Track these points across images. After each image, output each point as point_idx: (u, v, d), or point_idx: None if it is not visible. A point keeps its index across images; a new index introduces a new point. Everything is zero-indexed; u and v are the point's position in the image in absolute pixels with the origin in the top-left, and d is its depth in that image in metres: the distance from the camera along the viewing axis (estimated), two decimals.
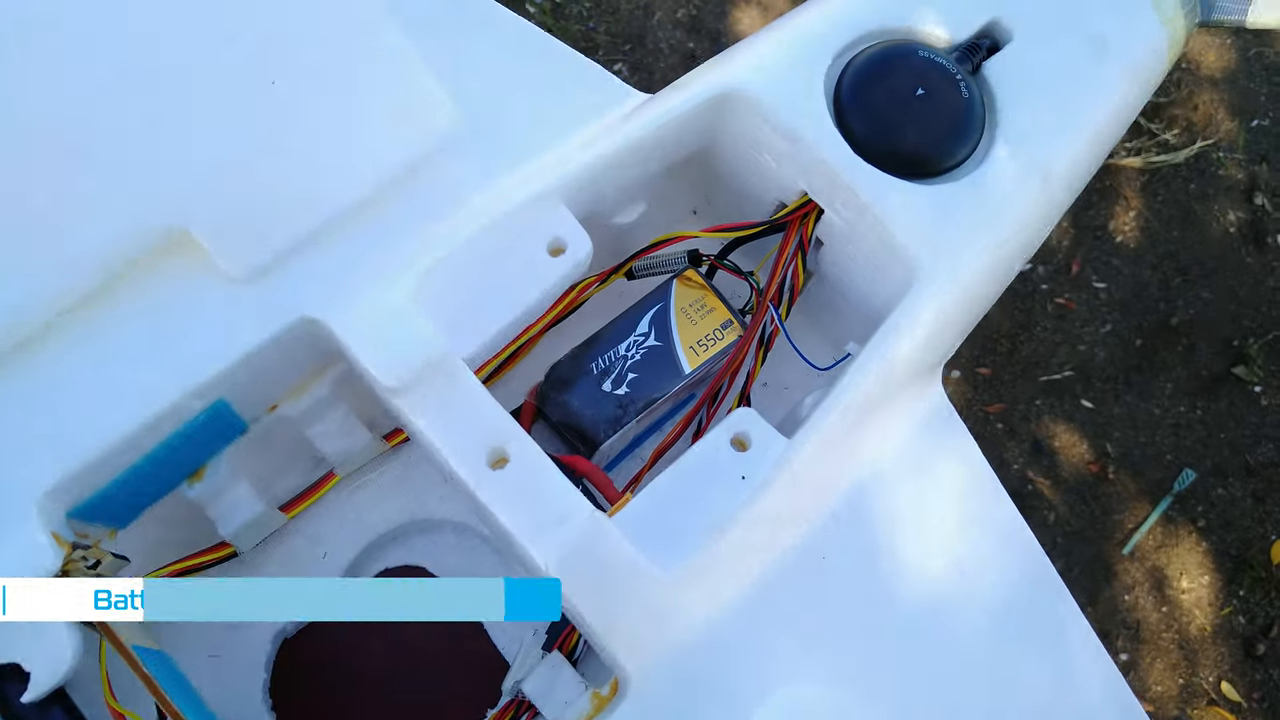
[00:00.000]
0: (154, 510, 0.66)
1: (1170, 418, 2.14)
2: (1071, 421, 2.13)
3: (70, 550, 0.56)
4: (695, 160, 0.77)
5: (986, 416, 2.12)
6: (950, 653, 0.63)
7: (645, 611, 0.56)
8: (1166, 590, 2.04)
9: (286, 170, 0.61)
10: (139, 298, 0.60)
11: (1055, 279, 2.21)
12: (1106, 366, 2.16)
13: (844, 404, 0.63)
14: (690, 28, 2.26)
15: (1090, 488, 2.09)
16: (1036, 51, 0.72)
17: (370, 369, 0.58)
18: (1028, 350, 2.16)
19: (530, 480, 0.58)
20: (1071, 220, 2.25)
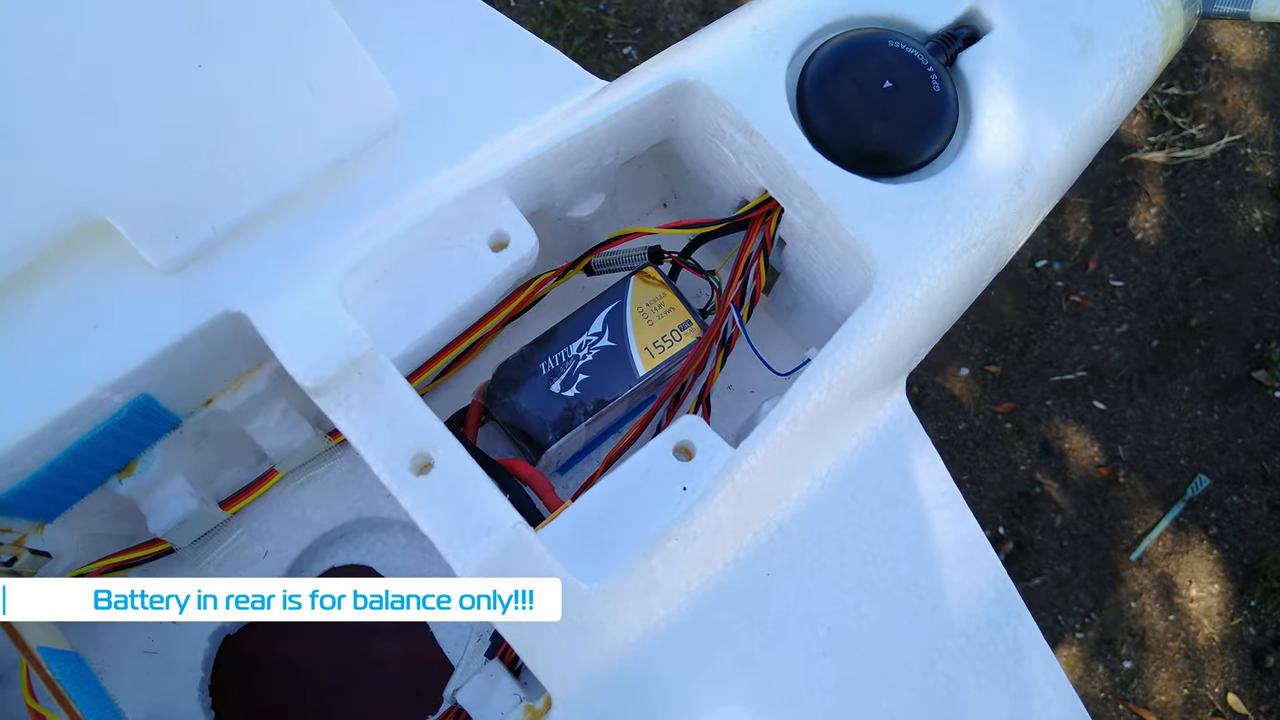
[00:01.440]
0: (84, 504, 0.64)
1: (1186, 421, 2.08)
2: (1083, 423, 2.08)
3: None
4: (661, 152, 0.74)
5: (995, 416, 2.08)
6: (898, 678, 0.60)
7: (570, 628, 0.54)
8: (1175, 598, 1.99)
9: (213, 158, 0.58)
10: (55, 288, 0.58)
11: (1071, 276, 2.15)
12: (1121, 367, 2.11)
13: (793, 413, 0.60)
14: (702, 11, 2.22)
15: (1100, 491, 2.04)
16: (1017, 42, 0.68)
17: (291, 366, 0.56)
18: (1040, 349, 2.10)
19: (455, 487, 0.56)
20: (1090, 216, 2.19)
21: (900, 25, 0.68)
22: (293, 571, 0.74)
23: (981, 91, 0.66)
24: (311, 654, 0.75)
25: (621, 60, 2.18)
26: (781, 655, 0.58)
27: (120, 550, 0.67)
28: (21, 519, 0.60)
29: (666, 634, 0.56)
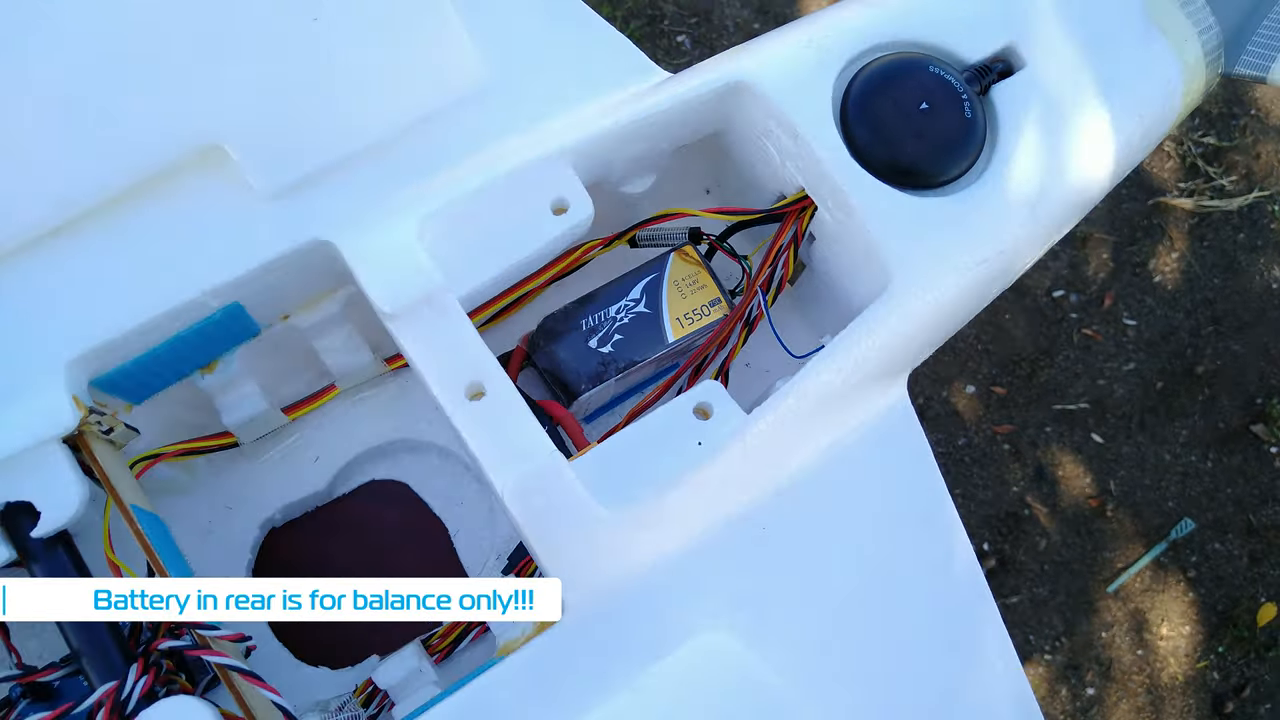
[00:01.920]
0: (168, 393, 0.73)
1: (1180, 465, 2.15)
2: (1079, 453, 2.14)
3: (87, 414, 0.62)
4: (710, 142, 0.81)
5: (994, 436, 2.14)
6: (868, 631, 0.68)
7: (587, 547, 0.62)
8: (1145, 634, 2.05)
9: (319, 101, 0.66)
10: (172, 200, 0.66)
11: (1086, 309, 2.21)
12: (1123, 404, 2.17)
13: (802, 390, 0.68)
14: (759, 9, 2.28)
15: (1086, 521, 2.11)
16: (1046, 81, 0.75)
17: (371, 292, 0.64)
18: (1046, 376, 2.17)
19: (502, 415, 0.64)
20: (1112, 253, 2.25)
21: (942, 53, 0.75)
22: (338, 478, 0.82)
23: (1009, 122, 0.73)
24: (341, 557, 0.84)
25: (675, 47, 2.25)
26: (768, 598, 0.66)
27: (193, 437, 0.76)
28: (118, 397, 0.68)
29: (669, 566, 0.64)
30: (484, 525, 0.83)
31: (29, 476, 0.60)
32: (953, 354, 2.18)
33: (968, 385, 2.18)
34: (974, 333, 2.19)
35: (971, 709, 0.69)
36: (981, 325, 2.20)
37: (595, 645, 0.61)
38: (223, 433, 0.77)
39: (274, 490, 0.80)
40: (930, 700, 0.68)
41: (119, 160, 0.65)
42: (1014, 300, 2.21)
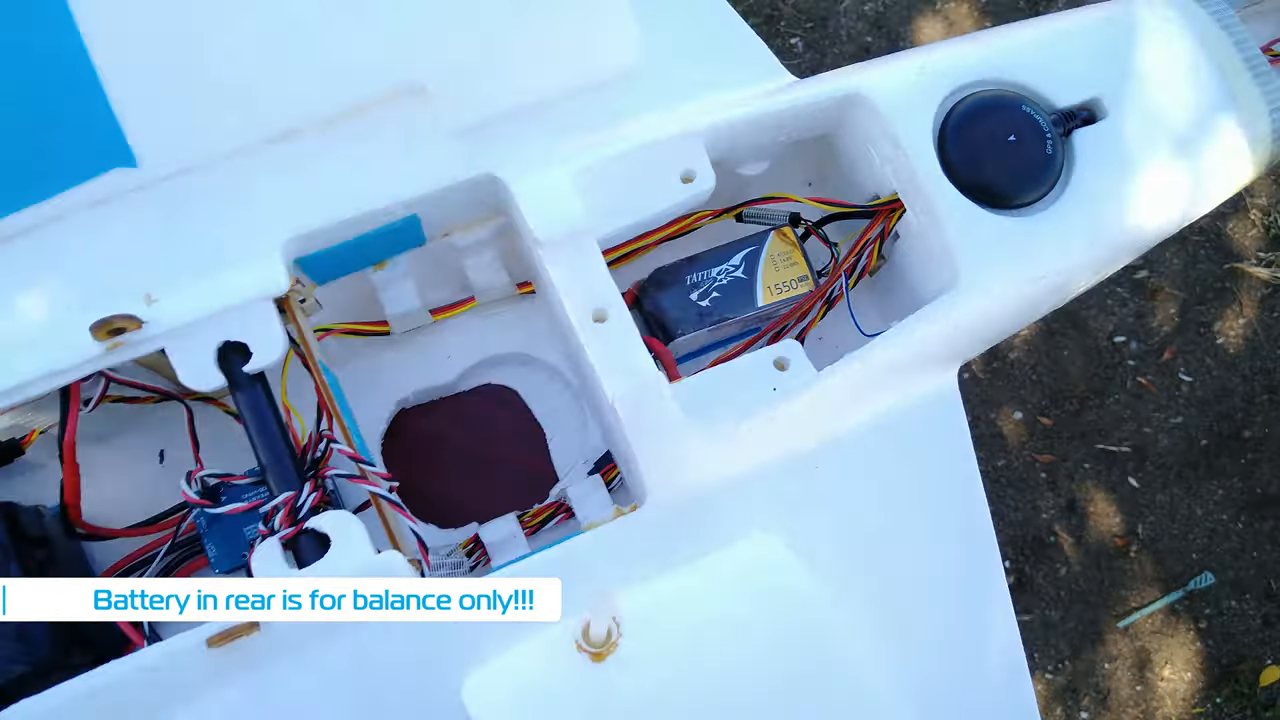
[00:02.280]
0: (345, 281, 0.88)
1: (1210, 521, 2.22)
2: (1113, 493, 2.23)
3: (294, 284, 0.78)
4: (819, 141, 0.94)
5: (1034, 463, 2.24)
6: (886, 569, 0.81)
7: (673, 452, 0.76)
8: (1147, 672, 2.14)
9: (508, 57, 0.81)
10: (379, 124, 0.81)
11: (1145, 359, 2.29)
12: (1165, 455, 2.24)
13: (866, 360, 0.81)
14: (873, 23, 2.38)
15: (1109, 558, 2.19)
16: (1124, 134, 0.86)
17: (530, 222, 0.79)
18: (1094, 415, 2.25)
19: (619, 336, 0.78)
20: (1180, 309, 2.32)
21: (1035, 95, 0.87)
22: (463, 376, 0.97)
23: (1083, 164, 0.85)
24: (455, 440, 0.99)
25: (787, 49, 2.36)
26: (811, 523, 0.79)
27: (356, 320, 0.91)
28: (310, 277, 0.84)
29: (735, 480, 0.78)
30: (576, 435, 0.98)
31: (247, 324, 0.76)
32: (1006, 379, 2.28)
33: (1016, 411, 2.27)
34: (1031, 362, 2.28)
35: (967, 654, 0.82)
36: (1039, 356, 2.28)
37: (666, 530, 0.75)
38: (381, 321, 0.92)
39: (410, 376, 0.96)
40: (932, 636, 0.81)
41: (343, 83, 0.80)
42: (1075, 338, 2.30)
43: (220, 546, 0.89)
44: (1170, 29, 0.87)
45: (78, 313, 0.74)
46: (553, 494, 0.93)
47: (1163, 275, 2.32)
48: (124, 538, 0.88)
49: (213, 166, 0.78)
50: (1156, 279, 2.31)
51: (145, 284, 0.76)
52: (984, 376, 2.29)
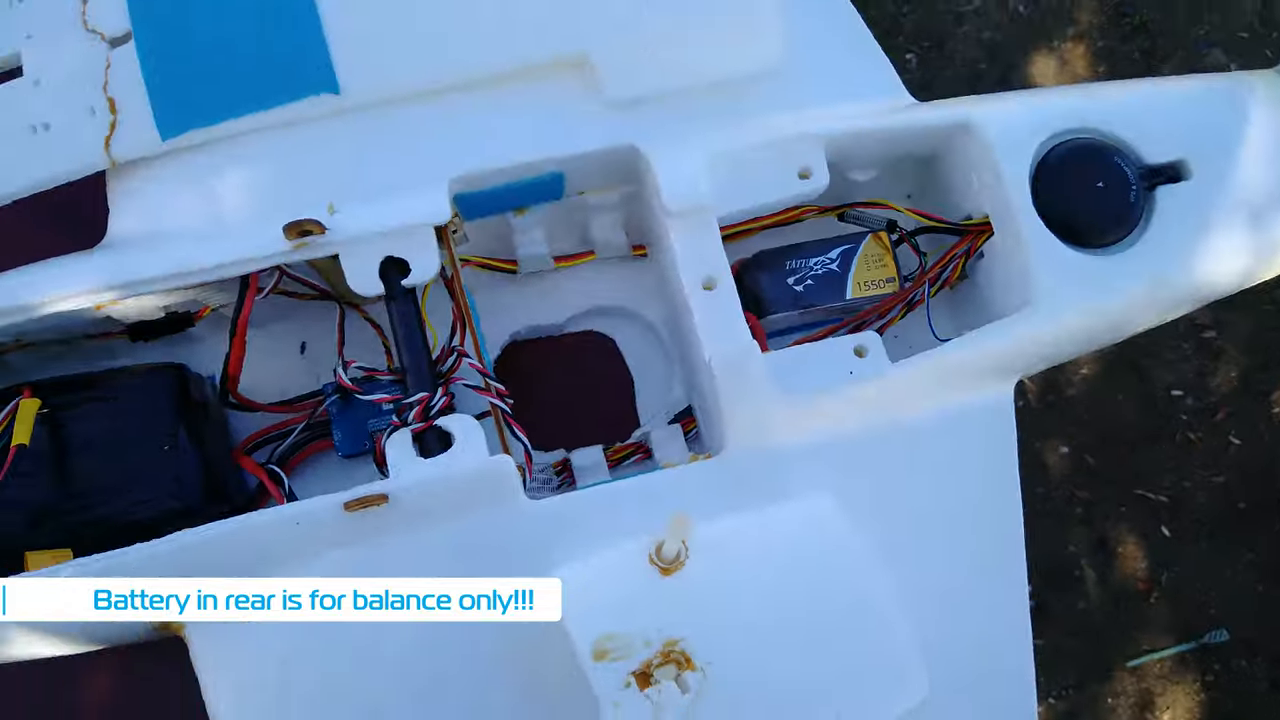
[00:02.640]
0: (488, 221, 1.00)
1: (1235, 582, 2.27)
2: (1144, 539, 2.29)
3: (454, 216, 0.90)
4: (925, 159, 1.04)
5: (1072, 497, 2.30)
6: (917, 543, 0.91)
7: (755, 411, 0.87)
8: (1147, 713, 2.21)
9: (667, 44, 0.91)
10: (544, 87, 0.93)
11: (1198, 415, 2.33)
12: (1201, 510, 2.30)
13: (936, 361, 0.91)
14: (989, 50, 2.44)
15: (1130, 600, 2.26)
16: (1204, 197, 0.95)
17: (664, 193, 0.90)
18: (1139, 461, 2.31)
19: (723, 304, 0.89)
20: (1241, 374, 2.36)
21: (1128, 148, 0.95)
22: (570, 320, 1.09)
23: (1161, 218, 0.94)
24: (554, 376, 1.11)
25: (901, 63, 2.43)
26: (863, 491, 0.90)
27: (490, 256, 1.04)
28: (461, 213, 0.96)
29: (804, 444, 0.89)
30: (661, 389, 1.10)
31: (410, 244, 0.88)
32: (1060, 413, 2.34)
33: (1063, 446, 2.33)
34: (1086, 401, 2.34)
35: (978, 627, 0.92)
36: (1095, 396, 2.34)
37: (737, 477, 0.87)
38: (511, 260, 1.04)
39: (526, 312, 1.08)
40: (948, 609, 0.91)
41: (521, 47, 0.92)
42: (1133, 384, 2.35)
43: (345, 433, 1.02)
44: (1267, 111, 0.95)
45: (272, 212, 0.88)
46: (634, 435, 1.05)
47: (1229, 338, 2.36)
48: (266, 413, 1.01)
49: (401, 104, 0.90)
50: (1223, 340, 2.35)
51: (330, 196, 0.89)
52: (1038, 407, 2.36)
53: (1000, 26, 2.41)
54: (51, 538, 0.90)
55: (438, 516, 0.85)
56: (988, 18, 2.42)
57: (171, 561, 0.84)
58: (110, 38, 0.90)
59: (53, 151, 0.89)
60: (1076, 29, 2.42)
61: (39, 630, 0.87)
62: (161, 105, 0.88)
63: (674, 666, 0.76)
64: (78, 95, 0.89)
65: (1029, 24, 2.42)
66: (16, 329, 0.92)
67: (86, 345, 1.01)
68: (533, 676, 0.84)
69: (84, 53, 0.89)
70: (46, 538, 0.90)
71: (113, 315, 0.95)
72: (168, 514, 0.92)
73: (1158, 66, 2.40)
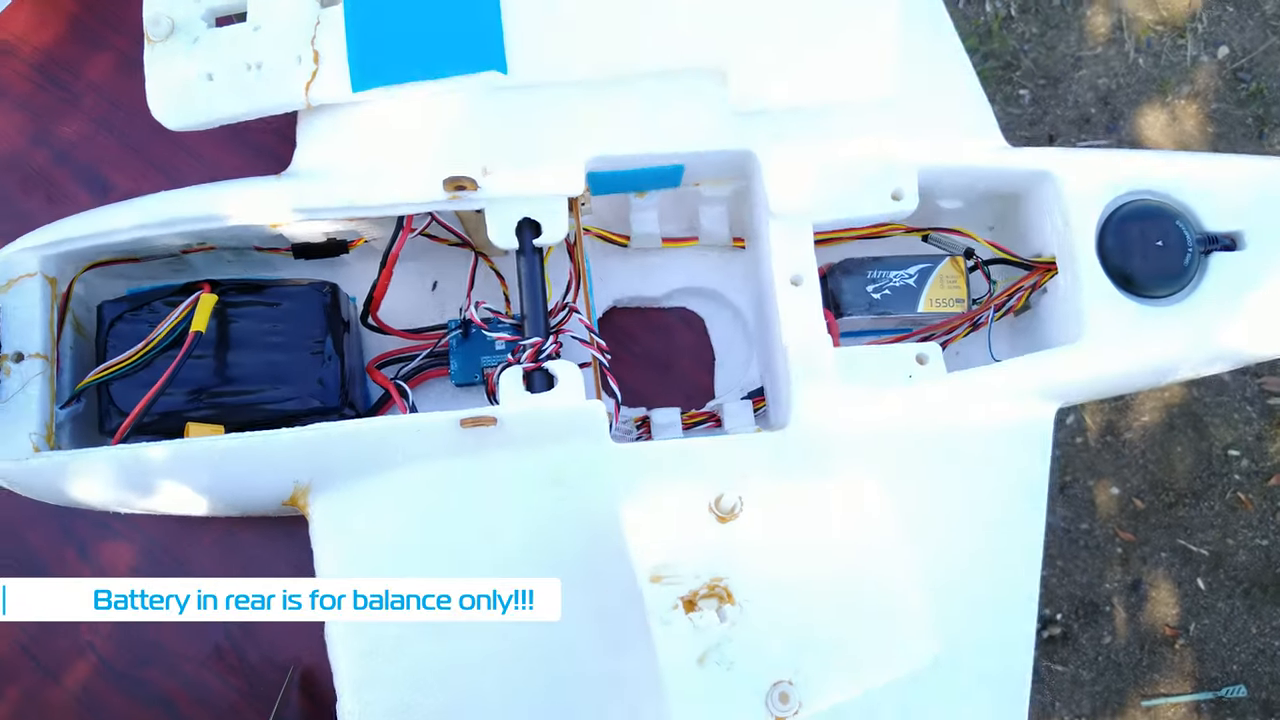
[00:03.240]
0: (610, 198, 1.14)
1: (1261, 641, 2.32)
2: (1178, 588, 2.35)
3: (585, 190, 1.04)
4: (1008, 197, 1.15)
5: (1115, 537, 2.37)
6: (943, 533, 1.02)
7: (820, 398, 1.00)
8: None
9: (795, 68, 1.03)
10: (680, 87, 1.06)
11: (1250, 477, 2.37)
12: (1240, 569, 2.34)
13: (989, 377, 1.02)
14: (1102, 97, 2.48)
15: (1155, 643, 2.33)
16: (1253, 271, 1.04)
17: (770, 195, 1.03)
18: (1185, 512, 2.36)
19: (806, 300, 1.02)
20: None
21: (1190, 214, 1.05)
22: (667, 295, 1.23)
23: (1211, 281, 1.03)
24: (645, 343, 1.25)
25: (1015, 97, 2.50)
26: (904, 482, 1.02)
27: (607, 229, 1.18)
28: (589, 188, 1.10)
29: (858, 432, 1.01)
30: (739, 367, 1.23)
31: (544, 209, 1.03)
32: (1116, 455, 2.41)
33: (1115, 487, 2.40)
34: (1144, 447, 2.40)
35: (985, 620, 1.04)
36: (1153, 444, 2.40)
37: (796, 452, 1.00)
38: (624, 235, 1.19)
39: (629, 283, 1.22)
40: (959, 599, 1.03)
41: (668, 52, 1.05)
42: (1192, 439, 2.40)
43: (461, 364, 1.17)
44: None
45: (434, 166, 1.03)
46: (709, 405, 1.19)
47: None
48: (397, 337, 1.18)
49: (556, 88, 1.05)
50: None
51: (485, 159, 1.03)
52: (1096, 446, 2.42)
53: (1117, 75, 2.46)
54: (204, 414, 1.08)
55: (535, 443, 1.00)
56: (1107, 64, 2.47)
57: (311, 448, 1.00)
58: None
59: (261, 88, 1.06)
60: (1192, 88, 2.45)
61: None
62: (357, 62, 1.04)
63: (716, 600, 0.90)
64: (289, 44, 1.05)
65: (1147, 76, 2.46)
66: (205, 233, 1.09)
67: (254, 256, 1.18)
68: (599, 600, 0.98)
69: (299, 8, 1.06)
70: (200, 413, 1.08)
71: (283, 234, 1.11)
72: (308, 410, 1.08)
73: (1269, 134, 2.42)
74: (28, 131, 1.34)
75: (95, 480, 1.01)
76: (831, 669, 0.88)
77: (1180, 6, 2.49)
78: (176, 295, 1.08)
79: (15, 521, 1.26)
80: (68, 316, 1.08)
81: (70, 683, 1.25)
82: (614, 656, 0.95)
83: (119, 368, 1.05)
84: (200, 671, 1.24)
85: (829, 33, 1.06)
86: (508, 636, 0.96)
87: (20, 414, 1.01)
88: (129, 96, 1.36)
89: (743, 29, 1.03)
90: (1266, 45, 2.47)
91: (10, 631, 1.25)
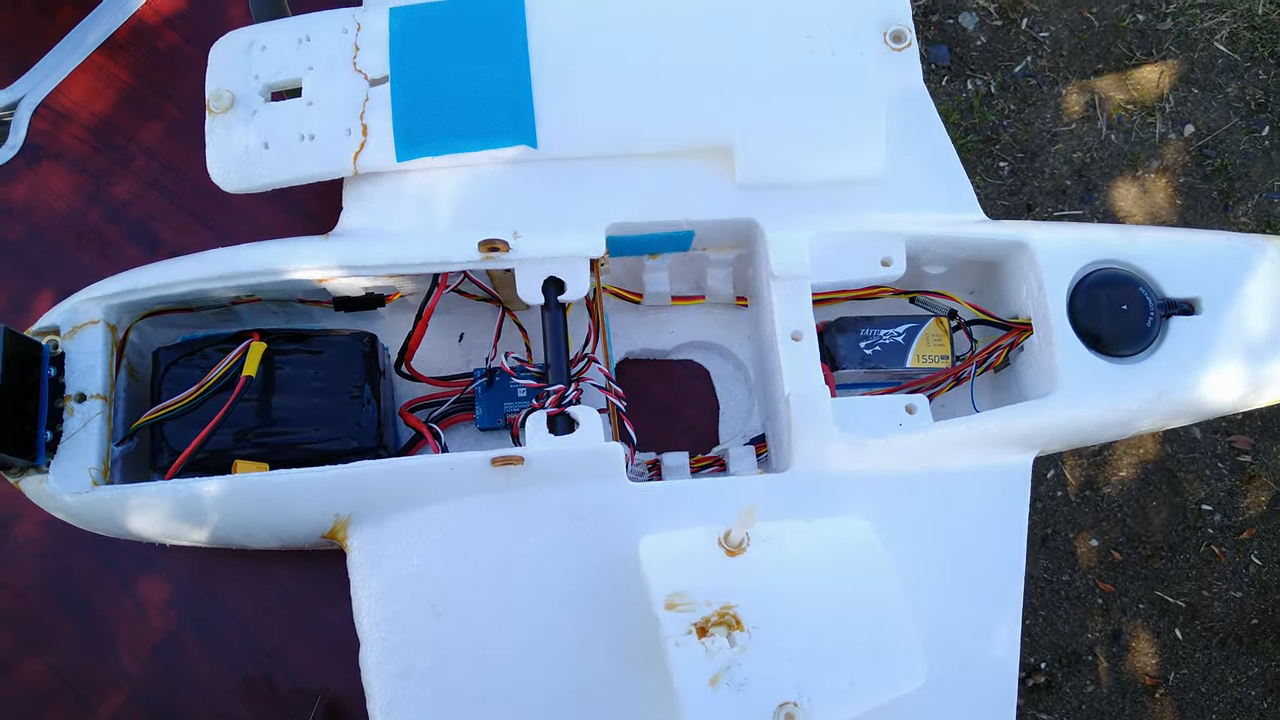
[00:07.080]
0: (626, 259, 1.26)
1: (1236, 691, 2.40)
2: (1157, 638, 2.43)
3: (605, 253, 1.15)
4: (987, 264, 1.26)
5: (1095, 588, 2.46)
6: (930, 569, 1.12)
7: (818, 444, 1.10)
8: None
9: (795, 150, 1.16)
10: (690, 163, 1.18)
11: (1224, 531, 2.48)
12: (1215, 620, 2.43)
13: (971, 426, 1.13)
14: (1077, 170, 2.64)
15: (1134, 693, 2.40)
16: (1209, 334, 1.15)
17: (772, 260, 1.14)
18: (1161, 565, 2.46)
19: (805, 353, 1.13)
20: (1270, 499, 2.50)
21: (1152, 281, 1.17)
22: (675, 349, 1.33)
23: (1170, 343, 1.15)
24: (655, 393, 1.35)
25: (994, 169, 2.65)
26: (894, 522, 1.11)
27: (622, 288, 1.29)
28: (608, 250, 1.21)
29: (852, 476, 1.11)
30: (741, 416, 1.33)
31: (568, 269, 1.14)
32: (1095, 508, 2.51)
33: (1094, 539, 2.50)
34: (1121, 501, 2.51)
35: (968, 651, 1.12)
36: (1130, 498, 2.51)
37: (796, 493, 1.10)
38: (637, 293, 1.29)
39: (641, 337, 1.33)
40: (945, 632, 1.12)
41: (680, 134, 1.17)
42: (1166, 494, 2.51)
43: (485, 409, 1.27)
44: (1274, 269, 1.16)
45: (468, 229, 1.14)
46: (714, 450, 1.28)
47: (1264, 465, 2.51)
48: (427, 384, 1.27)
49: (581, 162, 1.17)
50: (1257, 466, 2.50)
51: (516, 224, 1.15)
52: (1076, 500, 2.53)
53: (1090, 149, 2.62)
54: (249, 452, 1.17)
55: (558, 481, 1.09)
56: (1081, 139, 2.63)
57: (354, 483, 1.09)
58: (372, 79, 1.17)
59: (313, 157, 1.17)
60: (1161, 163, 2.61)
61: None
62: (402, 135, 1.15)
63: (726, 626, 0.99)
64: (340, 118, 1.17)
65: (1118, 151, 2.62)
66: (258, 286, 1.19)
67: (297, 308, 1.28)
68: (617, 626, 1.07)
69: (350, 87, 1.17)
70: (246, 451, 1.17)
71: (327, 288, 1.22)
72: (346, 450, 1.17)
73: (1234, 206, 2.58)
74: (84, 191, 1.45)
75: (152, 513, 1.09)
76: (833, 692, 0.96)
77: (1149, 87, 2.67)
78: (227, 343, 1.18)
79: (59, 553, 1.34)
80: (123, 361, 1.18)
81: (105, 712, 1.31)
82: (632, 678, 1.04)
83: (174, 408, 1.14)
84: (230, 701, 1.31)
85: (825, 120, 1.18)
86: (534, 657, 1.04)
87: (81, 451, 1.10)
88: (177, 158, 1.47)
89: (746, 115, 1.16)
90: (1229, 125, 2.64)
91: (48, 661, 1.32)
